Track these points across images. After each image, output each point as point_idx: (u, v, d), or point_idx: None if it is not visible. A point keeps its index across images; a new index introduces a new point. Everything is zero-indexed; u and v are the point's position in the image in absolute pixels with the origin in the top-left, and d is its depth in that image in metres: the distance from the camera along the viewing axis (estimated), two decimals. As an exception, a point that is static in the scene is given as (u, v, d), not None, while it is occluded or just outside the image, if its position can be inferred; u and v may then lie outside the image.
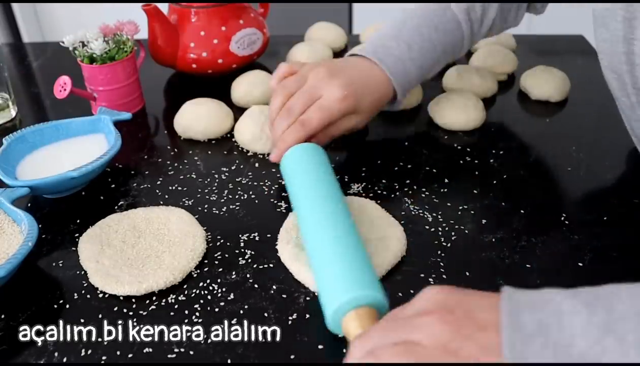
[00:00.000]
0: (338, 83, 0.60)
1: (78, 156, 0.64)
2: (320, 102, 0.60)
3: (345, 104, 0.60)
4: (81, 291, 0.51)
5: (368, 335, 0.37)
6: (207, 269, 0.53)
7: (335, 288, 0.43)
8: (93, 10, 1.97)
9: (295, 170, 0.57)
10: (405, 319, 0.37)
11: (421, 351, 0.34)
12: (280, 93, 0.62)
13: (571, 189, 0.63)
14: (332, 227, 0.48)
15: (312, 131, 0.60)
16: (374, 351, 0.35)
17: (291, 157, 0.58)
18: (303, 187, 0.54)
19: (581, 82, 0.83)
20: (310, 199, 0.52)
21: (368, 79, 0.63)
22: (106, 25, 0.78)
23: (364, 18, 1.93)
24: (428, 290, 0.38)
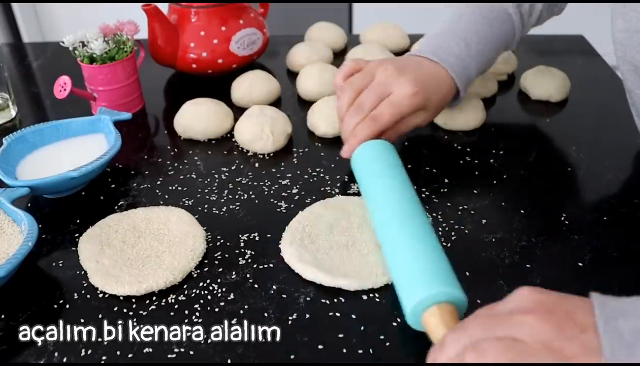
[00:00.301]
0: (407, 79, 0.61)
1: (78, 156, 0.64)
2: (391, 98, 0.60)
3: (416, 100, 0.61)
4: (81, 291, 0.51)
5: (464, 329, 0.37)
6: (207, 269, 0.53)
7: (419, 282, 0.43)
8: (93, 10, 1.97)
9: (370, 166, 0.57)
10: (504, 316, 0.37)
11: (526, 348, 0.34)
12: (349, 89, 0.62)
13: (571, 189, 0.63)
14: (412, 224, 0.49)
15: (383, 126, 0.60)
16: (477, 345, 0.35)
17: (364, 153, 0.59)
18: (379, 183, 0.55)
19: (581, 82, 0.83)
20: (388, 196, 0.53)
21: (434, 76, 0.64)
22: (106, 25, 0.78)
23: (364, 18, 1.93)
24: (523, 290, 0.38)
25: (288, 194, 0.62)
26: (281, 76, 0.90)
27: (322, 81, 0.80)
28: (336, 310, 0.48)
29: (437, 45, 0.66)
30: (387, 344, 0.45)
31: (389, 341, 0.45)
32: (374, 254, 0.52)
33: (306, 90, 0.81)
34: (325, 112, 0.72)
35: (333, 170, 0.66)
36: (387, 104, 0.60)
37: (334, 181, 0.64)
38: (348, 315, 0.47)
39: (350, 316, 0.47)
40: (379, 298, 0.49)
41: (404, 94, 0.60)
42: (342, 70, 0.65)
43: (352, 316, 0.47)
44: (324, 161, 0.68)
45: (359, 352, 0.44)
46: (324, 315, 0.47)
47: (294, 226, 0.56)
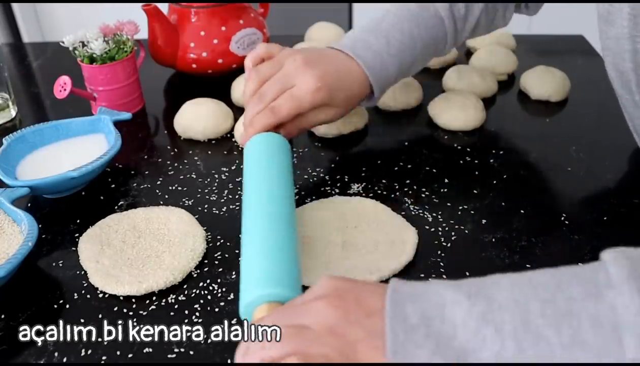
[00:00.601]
0: (312, 74, 0.58)
1: (78, 156, 0.64)
2: (292, 91, 0.59)
3: (318, 96, 0.59)
4: (81, 291, 0.51)
5: (266, 318, 0.38)
6: (207, 269, 0.53)
7: (256, 280, 0.43)
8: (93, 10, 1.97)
9: (252, 158, 0.56)
10: (299, 305, 0.38)
11: (310, 334, 0.35)
12: (255, 78, 0.61)
13: (571, 189, 0.63)
14: (268, 220, 0.48)
15: (280, 119, 0.59)
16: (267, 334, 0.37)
17: (253, 144, 0.58)
18: (253, 176, 0.54)
19: (581, 82, 0.83)
20: (256, 188, 0.52)
21: (344, 73, 0.61)
22: (106, 25, 0.78)
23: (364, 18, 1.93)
24: (323, 279, 0.39)
25: (288, 194, 0.62)
26: (281, 76, 0.90)
27: (322, 81, 0.80)
28: (336, 310, 0.48)
29: (357, 39, 0.63)
30: (387, 344, 0.45)
31: (389, 341, 0.45)
32: (372, 252, 0.52)
33: (306, 90, 0.81)
34: (325, 112, 0.72)
35: (333, 170, 0.66)
36: (287, 97, 0.59)
37: (334, 181, 0.64)
38: (348, 315, 0.47)
39: (350, 316, 0.47)
40: (379, 298, 0.49)
41: (307, 88, 0.58)
42: (253, 53, 0.64)
43: (352, 316, 0.47)
44: (324, 161, 0.68)
45: (359, 352, 0.44)
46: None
47: None
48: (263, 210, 0.49)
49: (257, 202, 0.50)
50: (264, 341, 0.36)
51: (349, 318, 0.35)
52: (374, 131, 0.74)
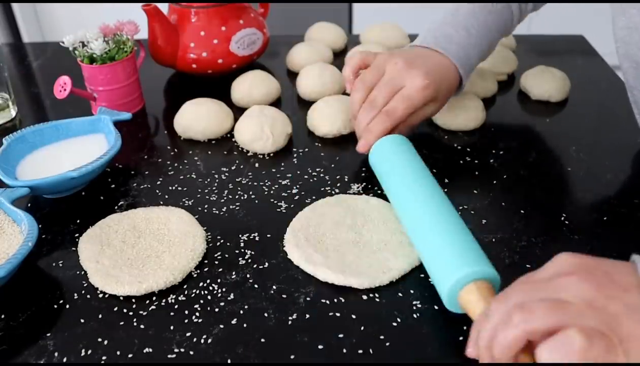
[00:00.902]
0: (418, 72, 0.61)
1: (78, 156, 0.64)
2: (403, 92, 0.61)
3: (428, 92, 0.62)
4: (81, 291, 0.51)
5: (507, 296, 0.38)
6: (207, 269, 0.53)
7: (454, 264, 0.45)
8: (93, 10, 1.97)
9: (391, 160, 0.58)
10: (544, 281, 0.37)
11: (571, 307, 0.34)
12: (361, 87, 0.63)
13: (571, 189, 0.63)
14: (439, 212, 0.50)
15: (397, 120, 0.61)
16: (524, 305, 0.35)
17: (383, 147, 0.60)
18: (402, 176, 0.56)
19: (581, 82, 0.83)
20: (412, 188, 0.54)
21: (441, 66, 0.64)
22: (106, 25, 0.78)
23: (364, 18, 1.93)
24: (561, 256, 0.38)
25: (288, 194, 0.62)
26: (281, 76, 0.90)
27: (322, 81, 0.80)
28: (336, 310, 0.48)
29: (438, 35, 0.66)
30: (387, 344, 0.45)
31: (389, 341, 0.45)
32: (382, 251, 0.52)
33: (306, 90, 0.81)
34: (326, 112, 0.72)
35: (333, 170, 0.66)
36: (400, 98, 0.61)
37: (334, 181, 0.64)
38: (348, 315, 0.47)
39: (350, 316, 0.47)
40: (379, 298, 0.49)
41: (416, 87, 0.61)
42: (351, 62, 0.66)
43: (352, 316, 0.47)
44: (324, 161, 0.68)
45: (359, 352, 0.44)
46: (324, 315, 0.47)
47: (296, 226, 0.56)
48: (429, 207, 0.51)
49: (419, 201, 0.52)
50: (524, 313, 0.35)
51: (605, 292, 0.35)
52: (374, 131, 0.74)
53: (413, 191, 0.54)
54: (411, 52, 0.65)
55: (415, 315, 0.47)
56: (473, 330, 0.39)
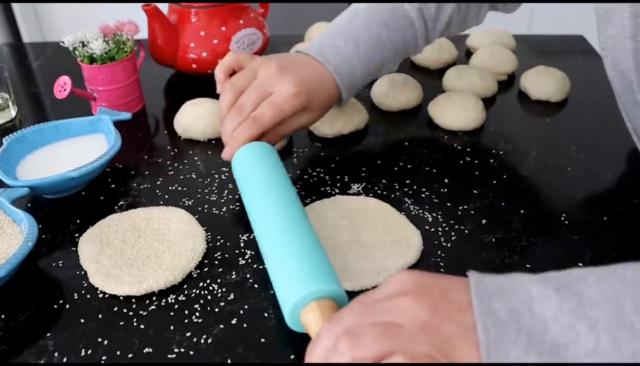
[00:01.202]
0: (289, 79, 0.59)
1: (78, 156, 0.64)
2: (272, 99, 0.59)
3: (298, 101, 0.59)
4: (81, 291, 0.51)
5: (339, 318, 0.36)
6: (207, 269, 0.53)
7: (295, 281, 0.42)
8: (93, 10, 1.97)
9: (248, 169, 0.56)
10: (379, 301, 0.36)
11: (402, 331, 0.34)
12: (230, 90, 0.60)
13: (571, 189, 0.63)
14: (287, 225, 0.48)
15: (264, 128, 0.58)
16: (351, 330, 0.34)
17: (243, 155, 0.57)
18: (256, 186, 0.53)
19: (581, 82, 0.83)
20: (265, 198, 0.52)
21: (318, 76, 0.62)
22: (106, 25, 0.78)
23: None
24: (398, 274, 0.37)
25: (288, 194, 0.62)
26: (281, 76, 0.90)
27: (322, 81, 0.80)
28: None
29: (325, 44, 0.64)
30: (387, 344, 0.45)
31: (389, 341, 0.45)
32: (379, 251, 0.53)
33: (306, 90, 0.81)
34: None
35: (333, 170, 0.66)
36: (267, 105, 0.58)
37: (334, 181, 0.64)
38: (348, 315, 0.47)
39: (350, 316, 0.47)
40: (379, 298, 0.49)
41: (286, 94, 0.58)
42: (224, 63, 0.63)
43: (352, 316, 0.47)
44: (324, 161, 0.68)
45: (359, 352, 0.44)
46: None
47: None
48: (278, 217, 0.49)
49: (268, 211, 0.50)
50: (351, 339, 0.34)
51: (440, 314, 0.34)
52: (374, 131, 0.74)
53: (266, 202, 0.51)
54: (289, 57, 0.63)
55: (415, 315, 0.47)
56: (306, 355, 0.37)
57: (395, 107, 0.78)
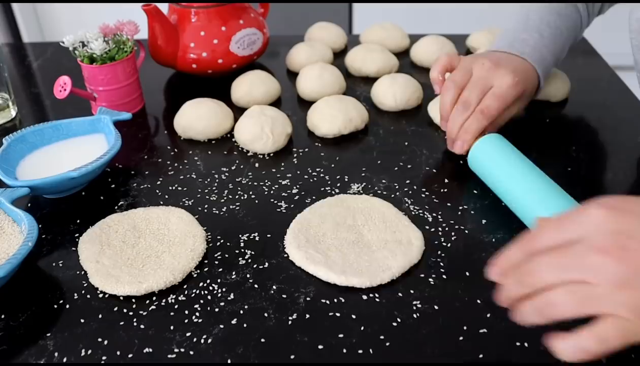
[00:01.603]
0: (506, 71, 0.63)
1: (78, 156, 0.64)
2: (495, 91, 0.63)
3: (518, 90, 0.63)
4: (81, 291, 0.51)
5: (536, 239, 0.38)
6: (207, 269, 0.53)
7: None
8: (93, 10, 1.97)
9: (498, 158, 0.59)
10: (575, 250, 0.36)
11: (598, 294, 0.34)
12: (452, 86, 0.64)
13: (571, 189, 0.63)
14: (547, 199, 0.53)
15: (492, 118, 0.62)
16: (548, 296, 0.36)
17: (485, 146, 0.61)
18: (515, 171, 0.57)
19: (581, 82, 0.83)
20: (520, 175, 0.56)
21: (523, 66, 0.66)
22: (106, 25, 0.78)
23: (364, 18, 1.93)
24: (594, 214, 0.37)
25: (288, 194, 0.62)
26: (281, 76, 0.90)
27: (322, 81, 0.80)
28: (336, 310, 0.48)
29: (512, 40, 0.68)
30: (387, 344, 0.45)
31: (389, 341, 0.45)
32: (382, 250, 0.53)
33: (306, 90, 0.81)
34: (326, 112, 0.72)
35: (333, 170, 0.66)
36: (492, 97, 0.62)
37: (334, 181, 0.64)
38: (348, 315, 0.47)
39: (350, 316, 0.47)
40: (379, 298, 0.49)
41: (507, 85, 0.63)
42: (438, 64, 0.68)
43: (352, 316, 0.47)
44: (324, 161, 0.68)
45: (359, 352, 0.44)
46: (324, 315, 0.47)
47: (296, 227, 0.56)
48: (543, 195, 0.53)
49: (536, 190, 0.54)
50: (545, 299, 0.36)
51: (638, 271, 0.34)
52: (374, 131, 0.74)
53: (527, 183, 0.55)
54: (494, 54, 0.67)
55: (415, 315, 0.47)
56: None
57: (395, 107, 0.78)
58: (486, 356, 0.44)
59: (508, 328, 0.43)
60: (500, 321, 0.45)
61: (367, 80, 0.87)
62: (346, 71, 0.90)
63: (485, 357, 0.43)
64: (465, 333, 0.45)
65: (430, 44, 0.90)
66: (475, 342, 0.45)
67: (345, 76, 0.85)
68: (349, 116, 0.72)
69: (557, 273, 0.36)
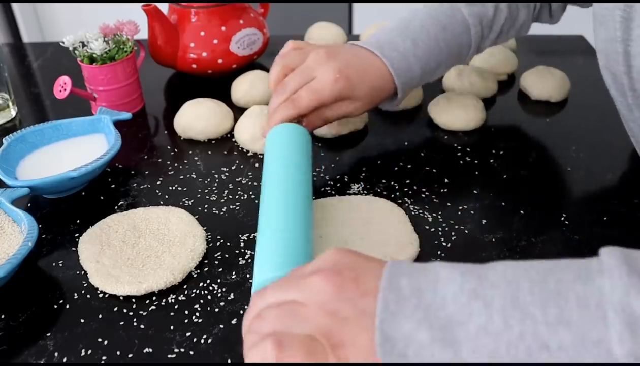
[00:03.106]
0: (332, 65, 0.60)
1: (78, 156, 0.64)
2: (312, 84, 0.60)
3: (337, 88, 0.60)
4: (81, 291, 0.51)
5: (265, 291, 0.39)
6: (207, 269, 0.53)
7: (266, 262, 0.44)
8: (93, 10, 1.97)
9: (272, 148, 0.57)
10: (298, 278, 0.38)
11: (302, 312, 0.36)
12: (280, 63, 0.63)
13: (571, 189, 0.63)
14: (284, 207, 0.49)
15: (300, 111, 0.60)
16: (261, 314, 0.37)
17: (273, 135, 0.59)
18: (272, 165, 0.55)
19: (581, 82, 0.83)
20: (274, 177, 0.53)
21: (368, 67, 0.62)
22: (106, 25, 0.78)
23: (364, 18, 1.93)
24: (328, 251, 0.39)
25: (288, 194, 0.62)
26: (281, 76, 0.90)
27: (322, 81, 0.80)
28: (336, 310, 0.48)
29: (383, 40, 0.64)
30: (387, 344, 0.45)
31: (389, 341, 0.45)
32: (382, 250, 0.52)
33: (306, 90, 0.81)
34: (325, 112, 0.72)
35: (333, 170, 0.66)
36: (307, 89, 0.60)
37: (334, 181, 0.64)
38: (348, 315, 0.47)
39: (350, 316, 0.47)
40: (379, 298, 0.49)
41: (326, 80, 0.59)
42: (284, 49, 0.66)
43: (352, 316, 0.47)
44: (324, 161, 0.68)
45: (359, 352, 0.44)
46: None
47: None
48: (279, 197, 0.50)
49: (274, 189, 0.51)
50: (259, 321, 0.37)
51: (342, 296, 0.35)
52: (374, 131, 0.74)
53: (274, 183, 0.52)
54: (340, 47, 0.64)
55: (415, 315, 0.47)
56: None
57: (395, 107, 0.78)
58: (486, 356, 0.43)
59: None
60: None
61: (367, 80, 0.87)
62: (346, 71, 0.90)
63: (485, 357, 0.43)
64: (465, 333, 0.45)
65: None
66: (475, 342, 0.45)
67: (345, 76, 0.85)
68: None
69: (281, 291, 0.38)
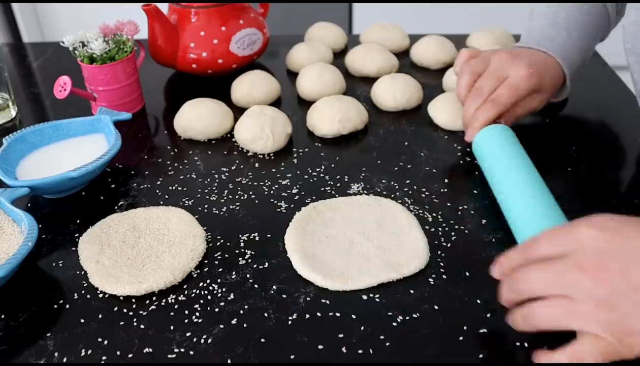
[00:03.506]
0: (522, 63, 0.64)
1: (78, 156, 0.64)
2: (509, 81, 0.64)
3: (532, 82, 0.64)
4: (81, 291, 0.51)
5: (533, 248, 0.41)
6: (207, 269, 0.53)
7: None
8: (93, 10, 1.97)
9: (494, 150, 0.60)
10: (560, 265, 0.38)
11: (578, 309, 0.37)
12: (467, 72, 0.66)
13: (571, 189, 0.63)
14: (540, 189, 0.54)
15: (503, 108, 0.63)
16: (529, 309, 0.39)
17: (486, 136, 0.61)
18: (505, 164, 0.58)
19: (581, 82, 0.83)
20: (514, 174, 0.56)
21: (544, 61, 0.66)
22: (106, 25, 0.78)
23: (364, 18, 1.93)
24: (582, 232, 0.39)
25: (288, 194, 0.62)
26: (281, 76, 0.90)
27: (322, 81, 0.80)
28: (336, 310, 0.48)
29: (539, 37, 0.69)
30: (387, 344, 0.45)
31: (389, 341, 0.45)
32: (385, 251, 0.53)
33: (306, 90, 0.81)
34: (325, 112, 0.72)
35: (333, 170, 0.66)
36: (505, 87, 0.63)
37: (334, 181, 0.64)
38: (348, 315, 0.47)
39: (350, 316, 0.47)
40: (379, 298, 0.49)
41: (521, 76, 0.63)
42: (460, 56, 0.68)
43: (352, 316, 0.47)
44: (324, 161, 0.68)
45: (359, 352, 0.44)
46: (324, 315, 0.47)
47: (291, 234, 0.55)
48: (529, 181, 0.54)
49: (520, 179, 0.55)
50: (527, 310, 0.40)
51: (617, 291, 0.36)
52: (374, 131, 0.74)
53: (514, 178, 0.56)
54: (515, 48, 0.68)
55: (415, 315, 0.47)
56: None
57: (395, 107, 0.78)
58: (486, 356, 0.44)
59: (508, 328, 0.43)
60: (500, 321, 0.45)
61: (367, 80, 0.87)
62: (346, 71, 0.90)
63: (485, 357, 0.44)
64: (465, 333, 0.45)
65: (431, 44, 0.90)
66: (475, 342, 0.45)
67: (345, 76, 0.85)
68: (348, 116, 0.72)
69: (542, 285, 0.39)
